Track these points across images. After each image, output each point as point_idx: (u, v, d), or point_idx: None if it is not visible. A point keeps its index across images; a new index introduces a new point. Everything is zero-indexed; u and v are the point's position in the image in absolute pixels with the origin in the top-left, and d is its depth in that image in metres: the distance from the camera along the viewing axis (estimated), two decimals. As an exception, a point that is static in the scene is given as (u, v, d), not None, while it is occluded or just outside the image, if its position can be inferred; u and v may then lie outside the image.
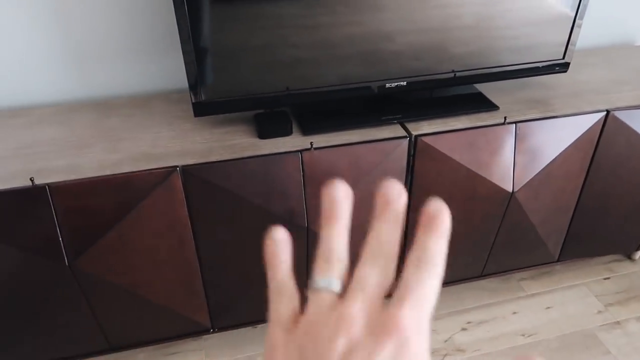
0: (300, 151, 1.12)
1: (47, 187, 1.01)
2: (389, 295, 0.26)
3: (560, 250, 1.55)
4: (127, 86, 1.38)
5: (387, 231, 0.27)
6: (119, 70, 1.35)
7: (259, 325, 1.49)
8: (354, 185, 0.99)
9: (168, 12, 1.24)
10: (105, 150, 1.12)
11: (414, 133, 1.19)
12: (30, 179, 1.01)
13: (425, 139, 1.19)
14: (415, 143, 1.19)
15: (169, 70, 1.36)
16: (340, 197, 0.28)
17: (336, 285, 0.26)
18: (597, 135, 1.32)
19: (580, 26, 1.27)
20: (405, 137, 1.18)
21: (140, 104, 1.32)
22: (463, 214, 1.33)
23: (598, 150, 1.34)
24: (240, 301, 1.34)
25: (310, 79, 1.15)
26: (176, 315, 1.29)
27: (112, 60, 1.33)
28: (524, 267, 1.57)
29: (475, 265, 1.49)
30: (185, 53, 1.04)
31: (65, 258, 1.08)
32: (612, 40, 1.72)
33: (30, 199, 1.01)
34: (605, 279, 1.73)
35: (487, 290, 1.68)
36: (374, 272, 0.26)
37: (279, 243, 0.29)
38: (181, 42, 1.03)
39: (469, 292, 1.66)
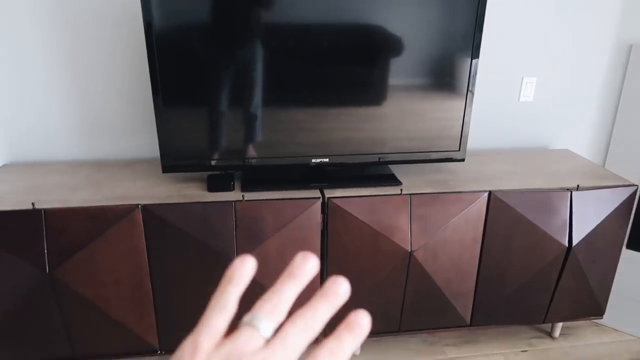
0: (234, 202, 1.48)
1: (42, 210, 1.39)
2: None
3: (472, 315, 1.78)
4: (120, 152, 1.81)
5: (323, 311, 0.31)
6: (115, 140, 1.80)
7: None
8: (275, 231, 1.36)
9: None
10: (91, 192, 1.52)
11: (327, 196, 1.54)
12: (32, 204, 1.40)
13: (336, 201, 1.54)
14: (327, 204, 1.54)
15: (154, 142, 1.80)
16: (307, 266, 0.32)
17: (269, 332, 0.29)
18: (484, 212, 1.63)
19: (468, 124, 1.65)
20: (318, 198, 1.53)
21: (126, 165, 1.74)
22: (371, 266, 1.62)
23: (487, 225, 1.64)
24: (186, 327, 1.61)
25: (261, 153, 1.55)
26: (129, 332, 1.58)
27: (110, 131, 1.78)
28: (440, 328, 1.80)
29: (392, 320, 1.73)
30: (158, 130, 1.47)
31: (47, 267, 1.43)
32: (530, 144, 2.08)
33: (30, 219, 1.39)
34: (522, 351, 1.91)
35: (412, 350, 1.89)
36: (300, 336, 0.29)
37: (247, 268, 0.32)
38: (157, 125, 1.47)
39: (395, 350, 1.88)
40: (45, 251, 1.42)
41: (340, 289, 0.32)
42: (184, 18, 1.41)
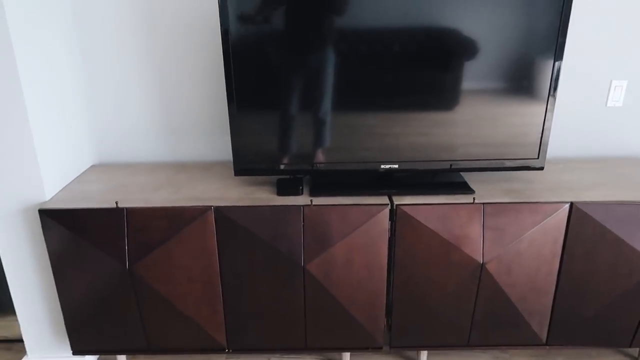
0: (303, 206, 1.50)
1: (125, 209, 1.48)
2: None
3: (548, 334, 1.68)
4: (199, 154, 1.89)
5: None
6: (194, 143, 1.87)
7: (273, 357, 1.78)
8: (342, 237, 1.37)
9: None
10: (170, 192, 1.59)
11: (396, 203, 1.51)
12: (115, 202, 1.49)
13: (404, 208, 1.51)
14: (395, 211, 1.51)
15: (230, 146, 1.86)
16: None
17: None
18: (565, 224, 1.53)
19: (548, 130, 1.56)
20: (387, 204, 1.51)
21: (205, 167, 1.81)
22: (440, 276, 1.57)
23: (568, 238, 1.54)
24: (253, 327, 1.65)
25: (330, 158, 1.56)
26: (199, 329, 1.64)
27: (190, 134, 1.86)
28: (512, 345, 1.71)
29: (461, 333, 1.67)
30: (232, 135, 1.52)
31: (127, 262, 1.52)
32: (618, 153, 1.93)
33: (113, 216, 1.49)
34: (606, 375, 1.77)
35: (481, 366, 1.81)
36: None
37: None
38: (230, 129, 1.52)
39: (463, 364, 1.81)
40: (126, 247, 1.51)
41: None
42: (257, 25, 1.44)
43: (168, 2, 1.69)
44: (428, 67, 1.50)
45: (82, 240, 1.51)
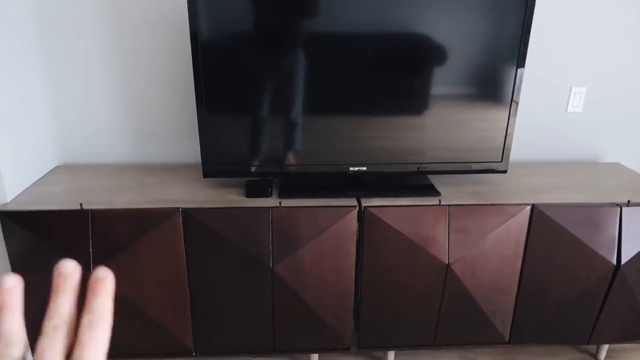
0: (272, 208, 1.50)
1: (89, 211, 1.45)
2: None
3: (510, 333, 1.72)
4: (167, 156, 1.87)
5: (65, 302, 0.31)
6: (162, 145, 1.85)
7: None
8: (310, 239, 1.38)
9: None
10: (136, 194, 1.57)
11: (364, 205, 1.53)
12: (80, 204, 1.46)
13: (372, 210, 1.53)
14: (363, 213, 1.53)
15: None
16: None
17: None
18: (527, 226, 1.58)
19: (511, 135, 1.60)
20: (355, 206, 1.52)
21: (173, 170, 1.79)
22: (407, 277, 1.59)
23: (530, 239, 1.59)
24: (221, 330, 1.64)
25: (299, 160, 1.57)
26: (166, 333, 1.62)
27: (158, 136, 1.84)
28: (477, 344, 1.75)
29: (427, 333, 1.70)
30: (201, 137, 1.51)
31: (92, 266, 1.49)
32: (578, 157, 2.00)
33: (77, 218, 1.45)
34: (565, 373, 1.83)
35: (448, 365, 1.84)
36: (56, 342, 0.30)
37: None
38: (199, 131, 1.50)
39: (429, 363, 1.84)
40: (91, 250, 1.48)
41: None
42: (229, 28, 1.44)
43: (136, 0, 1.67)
44: (398, 72, 1.53)
45: (45, 243, 1.47)
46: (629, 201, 1.59)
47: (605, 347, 1.87)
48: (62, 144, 1.83)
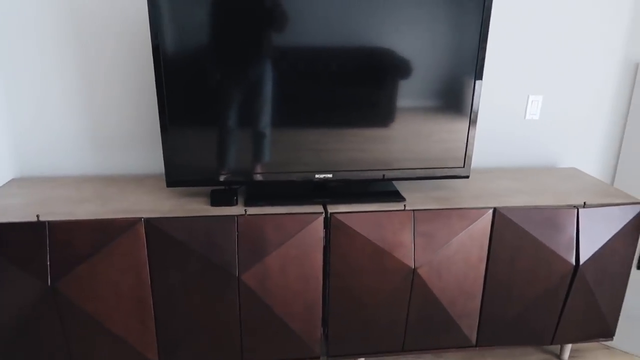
0: (237, 216, 1.48)
1: (47, 222, 1.41)
2: None
3: (477, 335, 1.75)
4: (130, 167, 1.83)
5: None
6: (125, 156, 1.81)
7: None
8: (277, 246, 1.37)
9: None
10: (97, 205, 1.53)
11: (330, 211, 1.53)
12: (37, 216, 1.41)
13: (338, 216, 1.53)
14: (330, 219, 1.53)
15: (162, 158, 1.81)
16: None
17: None
18: (489, 229, 1.61)
19: (472, 144, 1.64)
20: (321, 213, 1.53)
21: (136, 180, 1.76)
22: (374, 283, 1.60)
23: (493, 242, 1.62)
24: (187, 342, 1.60)
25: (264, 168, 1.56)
26: (129, 347, 1.57)
27: (121, 147, 1.80)
28: (445, 348, 1.76)
29: (395, 339, 1.70)
30: (164, 147, 1.49)
31: (49, 279, 1.43)
32: (537, 163, 2.07)
33: (33, 231, 1.40)
34: (531, 373, 1.86)
35: (417, 371, 1.85)
36: None
37: None
38: (162, 142, 1.48)
39: (399, 370, 1.84)
40: (48, 263, 1.42)
41: None
42: (192, 39, 1.43)
43: (96, 5, 1.65)
44: (364, 85, 1.55)
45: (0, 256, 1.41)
46: (585, 203, 1.64)
47: (569, 347, 1.92)
48: (18, 156, 1.77)
